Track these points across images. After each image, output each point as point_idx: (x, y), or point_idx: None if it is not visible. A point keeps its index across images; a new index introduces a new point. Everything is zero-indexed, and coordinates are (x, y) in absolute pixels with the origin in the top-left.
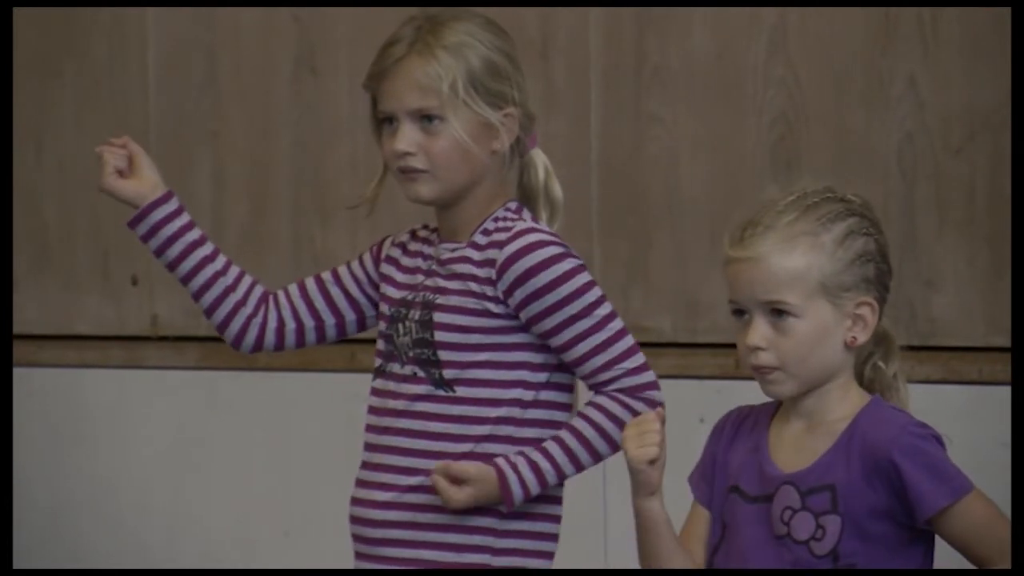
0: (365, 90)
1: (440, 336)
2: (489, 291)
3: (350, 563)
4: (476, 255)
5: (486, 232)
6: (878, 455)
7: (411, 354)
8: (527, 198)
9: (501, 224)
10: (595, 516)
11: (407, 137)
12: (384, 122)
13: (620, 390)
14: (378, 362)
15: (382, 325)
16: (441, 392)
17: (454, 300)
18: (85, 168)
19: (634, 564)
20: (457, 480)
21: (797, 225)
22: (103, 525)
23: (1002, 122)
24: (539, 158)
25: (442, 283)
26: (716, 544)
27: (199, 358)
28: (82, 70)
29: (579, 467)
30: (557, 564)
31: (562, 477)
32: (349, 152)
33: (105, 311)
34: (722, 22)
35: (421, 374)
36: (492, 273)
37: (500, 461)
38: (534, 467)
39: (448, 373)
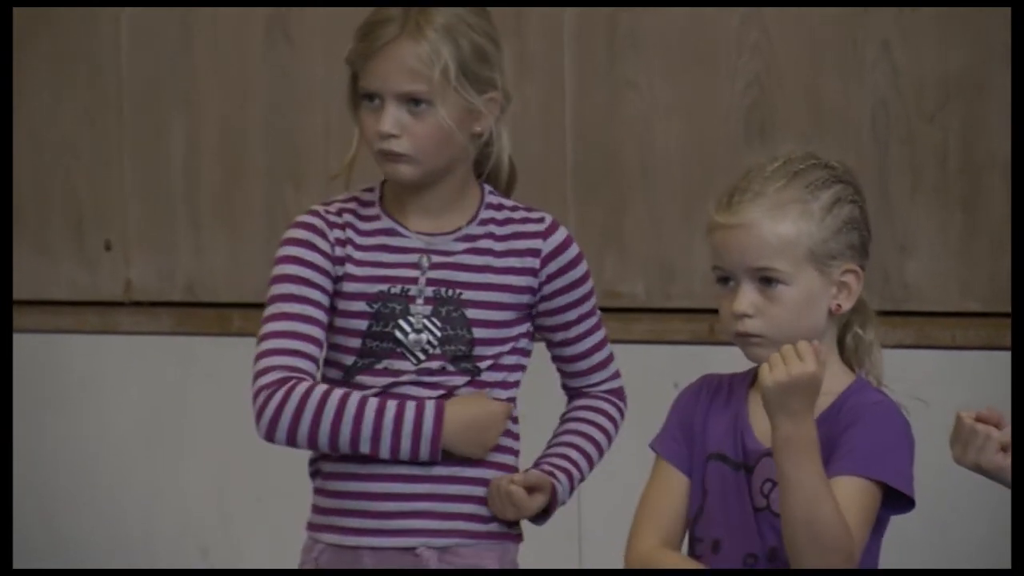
0: (348, 65)
1: (479, 333)
2: (528, 281)
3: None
4: (510, 246)
5: (497, 222)
6: (845, 418)
7: (439, 351)
8: (490, 170)
9: (510, 214)
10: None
11: (392, 118)
12: (365, 98)
13: (611, 391)
14: (356, 361)
15: (360, 323)
16: (476, 379)
17: (486, 296)
18: (58, 134)
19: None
20: (532, 489)
21: (786, 192)
22: (78, 490)
23: (975, 88)
24: (504, 132)
25: (465, 276)
26: (696, 512)
27: (173, 323)
28: (55, 37)
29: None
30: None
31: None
32: (323, 119)
33: (79, 277)
34: None
35: (451, 368)
36: (536, 263)
37: (553, 476)
38: (571, 482)
39: (482, 364)
